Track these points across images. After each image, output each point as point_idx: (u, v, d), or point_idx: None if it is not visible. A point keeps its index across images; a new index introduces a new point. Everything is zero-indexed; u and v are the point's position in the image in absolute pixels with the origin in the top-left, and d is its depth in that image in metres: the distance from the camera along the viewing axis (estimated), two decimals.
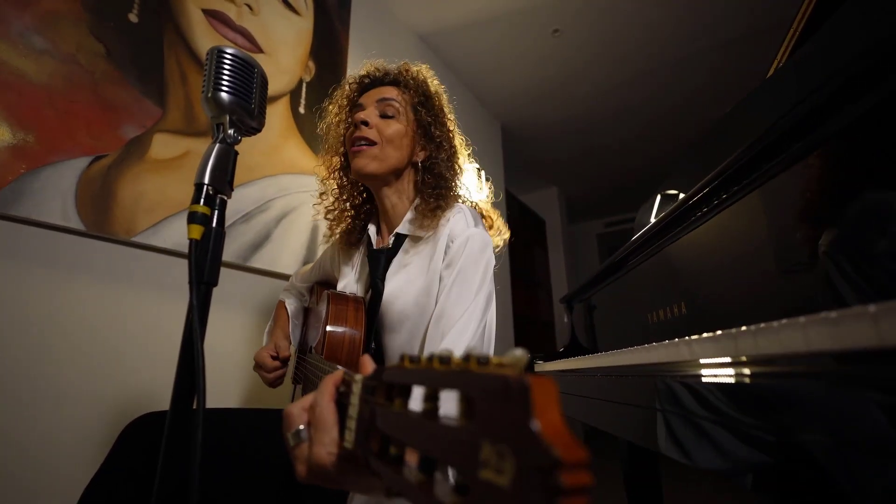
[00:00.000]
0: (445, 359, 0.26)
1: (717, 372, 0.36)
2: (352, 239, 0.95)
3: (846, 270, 0.41)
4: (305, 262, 1.67)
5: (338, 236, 0.95)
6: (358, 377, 0.33)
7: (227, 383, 1.38)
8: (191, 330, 0.41)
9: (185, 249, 1.28)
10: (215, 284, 0.45)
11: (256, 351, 0.97)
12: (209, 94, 0.49)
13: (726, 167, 0.55)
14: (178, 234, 1.29)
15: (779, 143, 0.48)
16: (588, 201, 5.52)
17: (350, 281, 0.92)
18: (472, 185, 1.76)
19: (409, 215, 0.85)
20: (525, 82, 3.23)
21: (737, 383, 0.33)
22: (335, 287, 0.99)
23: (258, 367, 0.96)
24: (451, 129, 0.89)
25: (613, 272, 1.05)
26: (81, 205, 1.12)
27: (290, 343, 1.05)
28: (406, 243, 0.85)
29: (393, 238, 0.86)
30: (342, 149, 0.93)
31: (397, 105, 0.85)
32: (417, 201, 0.84)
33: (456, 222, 0.78)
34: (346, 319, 0.76)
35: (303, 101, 1.80)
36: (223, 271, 1.43)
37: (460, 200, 0.86)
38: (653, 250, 0.83)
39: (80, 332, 1.09)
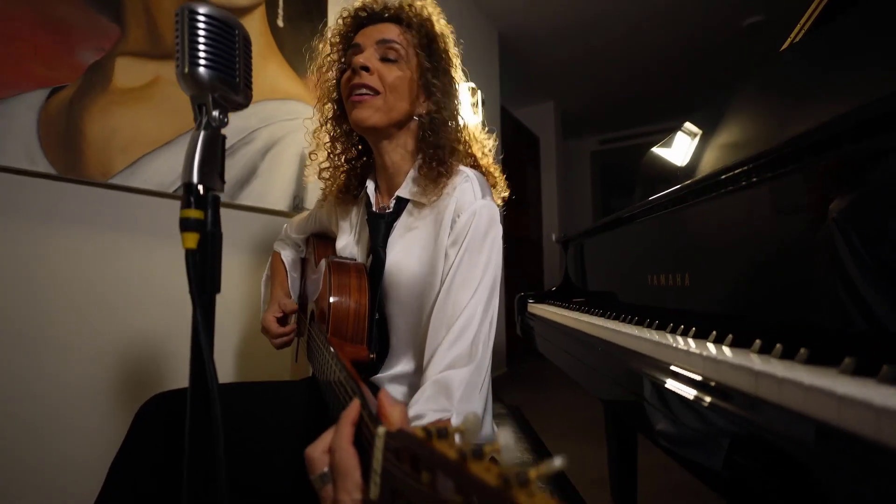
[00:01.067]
0: (478, 452, 0.25)
1: (723, 403, 0.36)
2: (348, 195, 0.89)
3: (861, 270, 0.40)
4: (295, 196, 1.61)
5: (333, 193, 0.90)
6: (381, 431, 0.32)
7: (225, 322, 1.39)
8: (198, 347, 0.39)
9: (169, 189, 1.22)
10: (218, 291, 0.42)
11: (262, 315, 0.96)
12: (185, 70, 0.41)
13: (770, 151, 0.51)
14: (158, 173, 1.20)
15: (834, 140, 0.43)
16: (584, 116, 5.29)
17: (349, 242, 0.88)
18: (467, 105, 1.65)
19: (411, 174, 0.80)
20: None
21: (744, 418, 0.34)
22: (332, 240, 0.96)
23: (265, 331, 0.95)
24: (456, 76, 0.80)
25: (620, 224, 1.03)
26: (48, 146, 1.02)
27: (292, 297, 1.04)
28: (409, 207, 0.80)
29: (394, 201, 0.81)
30: (335, 94, 0.83)
31: (399, 48, 0.75)
32: (419, 161, 0.78)
33: (463, 193, 0.73)
34: (349, 290, 0.74)
35: (280, 13, 1.59)
36: None
37: (460, 146, 0.79)
38: (669, 213, 0.80)
39: (71, 283, 1.07)
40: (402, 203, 0.81)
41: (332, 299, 0.72)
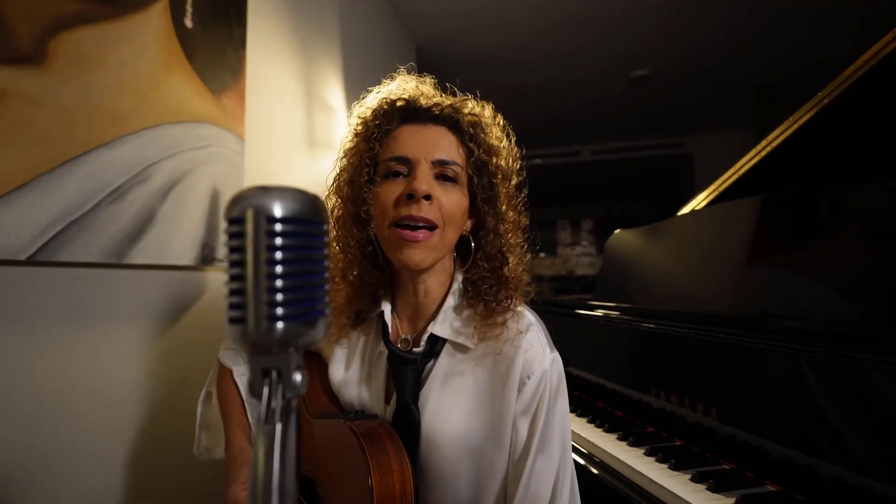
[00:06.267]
0: None
1: None
2: (352, 317, 0.68)
3: None
4: (205, 245, 1.29)
5: (334, 309, 0.67)
6: None
7: (122, 417, 1.03)
8: None
9: (21, 255, 0.84)
10: None
11: (229, 490, 0.64)
12: (252, 325, 0.22)
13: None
14: (3, 230, 0.83)
15: None
16: None
17: (353, 379, 0.67)
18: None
19: (450, 304, 0.63)
20: (453, 3, 2.81)
21: None
22: (316, 357, 0.73)
23: None
24: (512, 179, 0.67)
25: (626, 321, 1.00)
26: None
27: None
28: (447, 348, 0.63)
29: (426, 341, 0.63)
30: (354, 193, 0.64)
31: (458, 168, 0.62)
32: (462, 291, 0.63)
33: (530, 346, 0.59)
34: (391, 474, 0.54)
35: (189, 10, 1.25)
36: (82, 273, 1.00)
37: (522, 276, 0.64)
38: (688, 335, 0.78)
39: None
40: (436, 342, 0.63)
41: (375, 494, 0.52)
